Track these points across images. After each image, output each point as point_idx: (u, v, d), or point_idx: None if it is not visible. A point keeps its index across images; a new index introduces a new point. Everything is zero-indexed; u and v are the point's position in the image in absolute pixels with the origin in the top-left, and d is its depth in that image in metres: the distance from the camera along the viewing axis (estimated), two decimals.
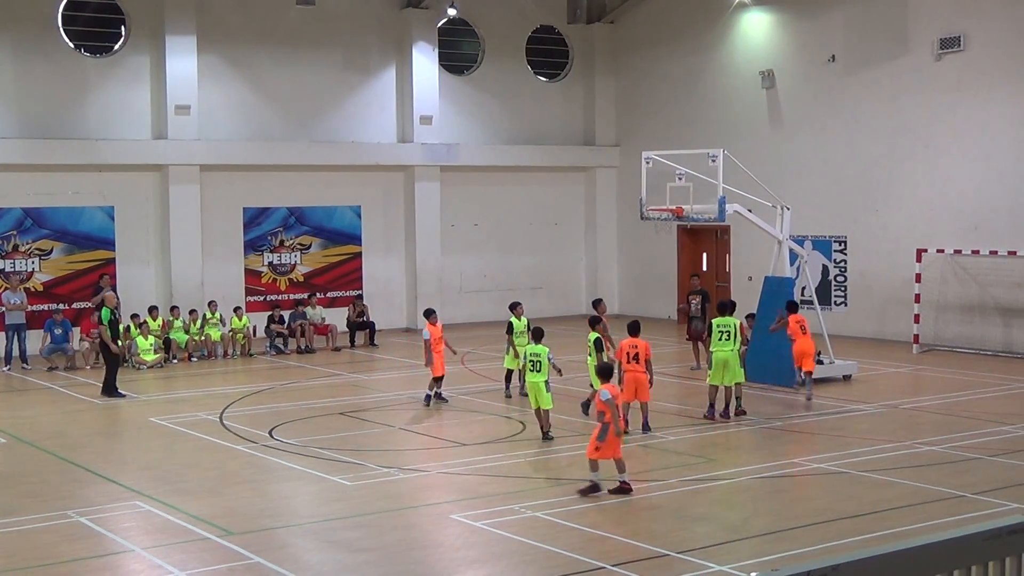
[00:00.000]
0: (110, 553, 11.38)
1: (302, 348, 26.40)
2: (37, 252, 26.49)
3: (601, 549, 11.05)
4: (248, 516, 12.50)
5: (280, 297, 28.81)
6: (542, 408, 16.04)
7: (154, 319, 24.93)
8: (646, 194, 21.26)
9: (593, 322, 17.94)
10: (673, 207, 20.68)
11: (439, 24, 31.08)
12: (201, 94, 27.92)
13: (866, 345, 25.38)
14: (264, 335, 26.84)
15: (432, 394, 19.20)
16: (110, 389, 20.43)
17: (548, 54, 33.67)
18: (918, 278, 25.07)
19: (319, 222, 30.01)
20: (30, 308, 25.40)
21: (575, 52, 33.81)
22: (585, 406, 17.43)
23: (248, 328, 26.22)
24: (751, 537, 11.47)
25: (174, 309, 25.68)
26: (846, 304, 27.80)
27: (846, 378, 21.15)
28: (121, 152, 27.23)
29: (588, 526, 11.92)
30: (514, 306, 20.00)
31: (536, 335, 16.74)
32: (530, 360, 16.12)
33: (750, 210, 21.33)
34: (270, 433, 16.94)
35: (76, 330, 25.07)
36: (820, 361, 21.09)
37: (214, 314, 25.89)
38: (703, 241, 31.93)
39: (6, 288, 24.93)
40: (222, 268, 28.56)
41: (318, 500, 13.40)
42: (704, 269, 31.32)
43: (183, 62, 27.59)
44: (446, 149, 31.06)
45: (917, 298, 25.10)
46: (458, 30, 32.18)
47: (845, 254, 27.85)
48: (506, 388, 19.82)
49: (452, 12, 30.53)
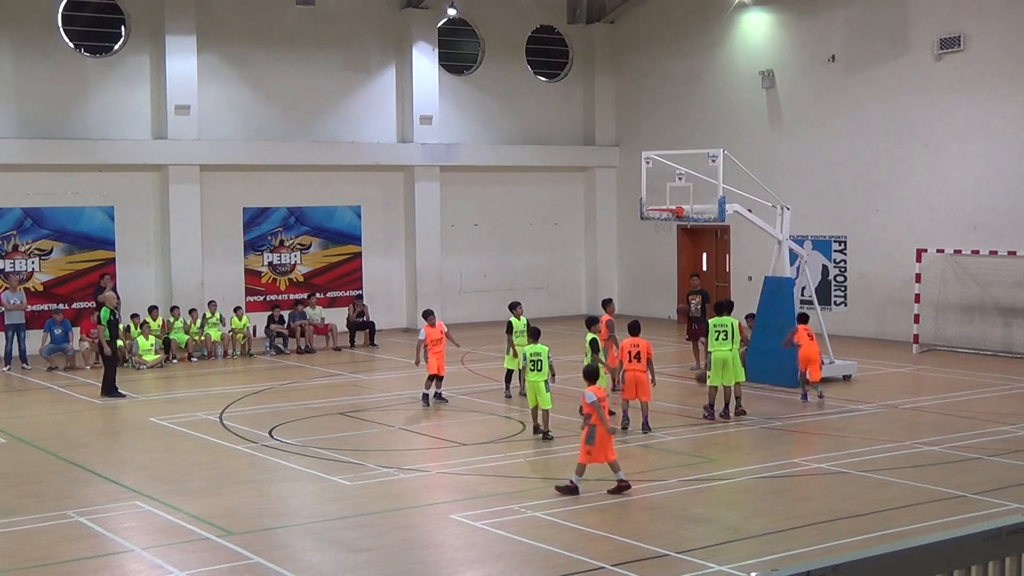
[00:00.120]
0: (110, 553, 11.37)
1: (302, 348, 26.42)
2: (37, 252, 26.50)
3: (601, 549, 11.06)
4: (248, 516, 12.50)
5: (280, 297, 28.81)
6: (541, 408, 16.07)
7: (154, 319, 24.95)
8: (646, 194, 21.27)
9: (590, 322, 17.97)
10: (673, 207, 20.68)
11: (439, 24, 31.08)
12: (201, 94, 27.92)
13: (866, 345, 25.39)
14: (264, 335, 26.85)
15: (430, 394, 19.21)
16: (110, 389, 20.44)
17: (548, 54, 33.67)
18: (918, 278, 25.09)
19: (319, 222, 30.01)
20: (30, 308, 25.42)
21: (575, 52, 33.81)
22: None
23: (248, 328, 26.24)
24: (751, 537, 11.47)
25: (174, 309, 25.69)
26: (846, 304, 27.81)
27: (846, 378, 21.15)
28: (121, 152, 27.24)
29: (588, 526, 11.93)
30: (514, 306, 20.01)
31: (533, 335, 16.84)
32: (531, 360, 16.16)
33: (750, 210, 21.33)
34: (270, 433, 16.94)
35: (76, 330, 25.08)
36: (820, 361, 21.12)
37: (214, 314, 25.91)
38: (703, 241, 31.93)
39: (5, 288, 24.93)
40: (222, 268, 28.57)
41: (318, 500, 13.40)
42: (704, 269, 31.33)
43: (183, 62, 27.60)
44: (446, 149, 31.06)
45: (917, 298, 25.11)
46: (458, 30, 32.19)
47: (845, 254, 27.85)
48: (506, 388, 19.83)
49: (452, 12, 30.54)
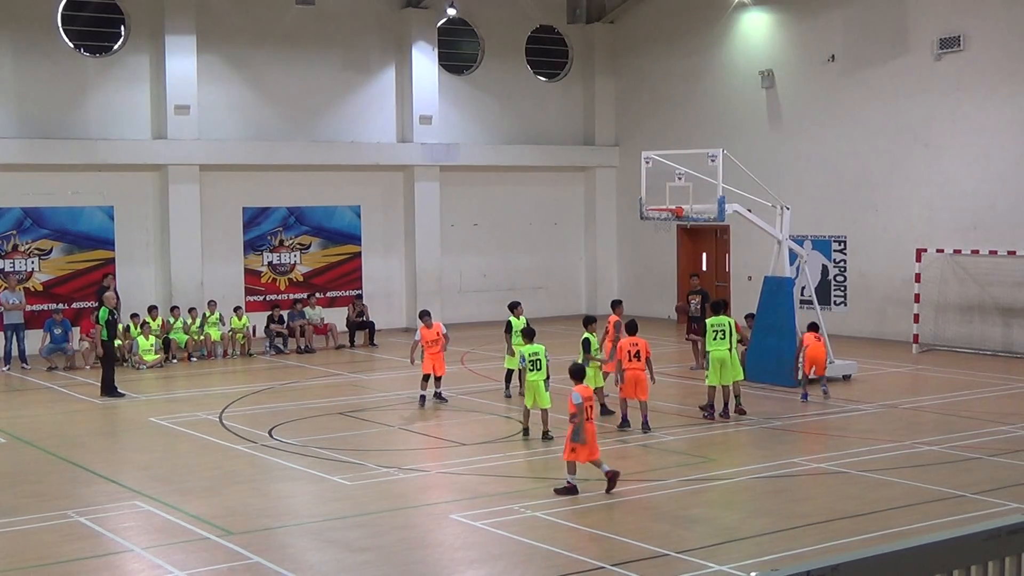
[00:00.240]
0: (110, 553, 11.37)
1: (301, 348, 26.42)
2: (37, 252, 26.49)
3: (601, 549, 11.06)
4: (248, 516, 12.50)
5: (280, 297, 28.81)
6: (540, 407, 16.07)
7: (154, 319, 24.94)
8: (646, 194, 21.27)
9: (588, 322, 18.00)
10: (673, 207, 20.68)
11: (439, 24, 31.08)
12: (201, 94, 27.92)
13: (866, 345, 25.38)
14: (264, 335, 26.85)
15: (427, 395, 19.19)
16: (109, 388, 20.44)
17: (548, 54, 33.67)
18: (918, 278, 25.08)
19: (319, 222, 30.01)
20: (30, 308, 25.43)
21: (575, 52, 33.80)
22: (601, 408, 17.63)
23: (248, 328, 26.24)
24: (751, 537, 11.47)
25: (174, 309, 25.69)
26: (846, 304, 27.80)
27: (846, 378, 21.14)
28: (121, 152, 27.23)
29: (588, 526, 11.93)
30: (514, 306, 19.98)
31: (528, 335, 16.84)
32: (530, 360, 16.15)
33: (750, 210, 21.33)
34: (270, 433, 16.94)
35: (76, 330, 25.08)
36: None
37: (213, 313, 25.91)
38: (703, 241, 31.93)
39: (4, 288, 24.92)
40: (222, 268, 28.57)
41: (318, 500, 13.40)
42: (704, 269, 31.33)
43: (183, 62, 27.59)
44: (446, 149, 31.05)
45: (917, 298, 25.11)
46: (458, 30, 32.19)
47: (845, 254, 27.85)
48: (506, 388, 19.83)
49: (452, 12, 30.53)
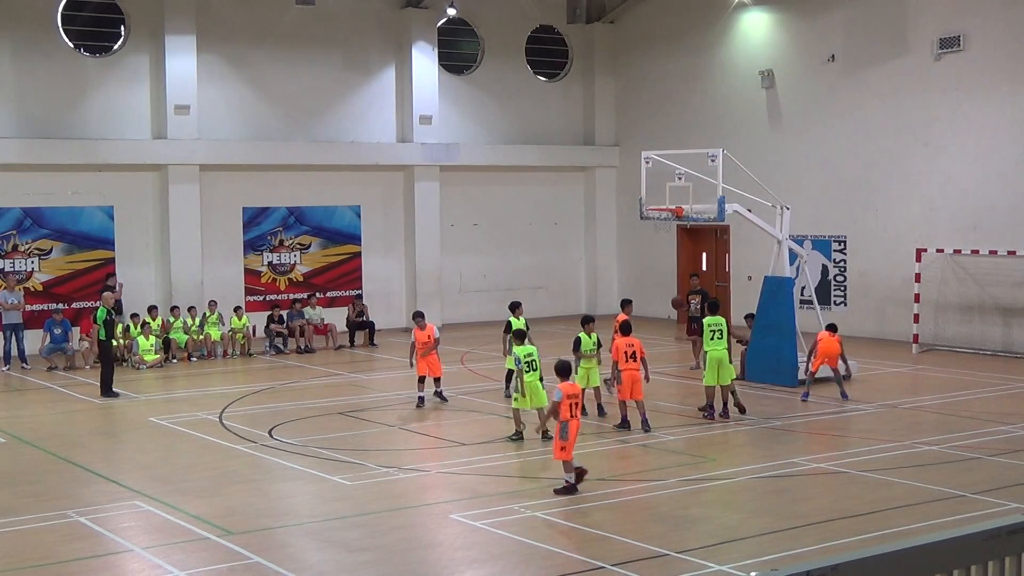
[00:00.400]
0: (110, 553, 11.37)
1: (301, 348, 26.41)
2: (37, 252, 26.49)
3: (601, 549, 11.06)
4: (248, 516, 12.50)
5: (280, 297, 28.81)
6: (538, 407, 16.06)
7: (154, 319, 24.94)
8: (646, 194, 21.26)
9: (585, 321, 18.02)
10: (673, 207, 20.68)
11: (439, 24, 31.07)
12: (201, 94, 27.91)
13: (866, 345, 25.36)
14: (263, 335, 26.85)
15: (425, 396, 19.15)
16: (107, 388, 20.44)
17: (548, 54, 33.66)
18: (918, 278, 25.08)
19: (319, 222, 30.00)
20: (30, 308, 25.43)
21: (575, 52, 33.80)
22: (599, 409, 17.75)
23: (248, 328, 26.24)
24: (751, 537, 11.47)
25: (174, 309, 25.68)
26: (846, 304, 27.79)
27: (846, 378, 21.12)
28: (121, 152, 27.23)
29: (588, 526, 11.93)
30: (515, 306, 19.91)
31: (520, 336, 16.81)
32: (526, 362, 16.12)
33: (750, 210, 21.32)
34: (270, 433, 16.94)
35: (76, 330, 25.06)
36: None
37: (213, 313, 25.91)
38: (703, 241, 31.93)
39: (3, 288, 24.90)
40: (222, 268, 28.56)
41: (318, 500, 13.40)
42: (704, 269, 31.33)
43: (183, 62, 27.59)
44: (446, 149, 31.05)
45: (917, 298, 25.11)
46: (458, 30, 32.18)
47: (845, 254, 27.85)
48: (506, 388, 19.77)
49: (452, 12, 30.52)
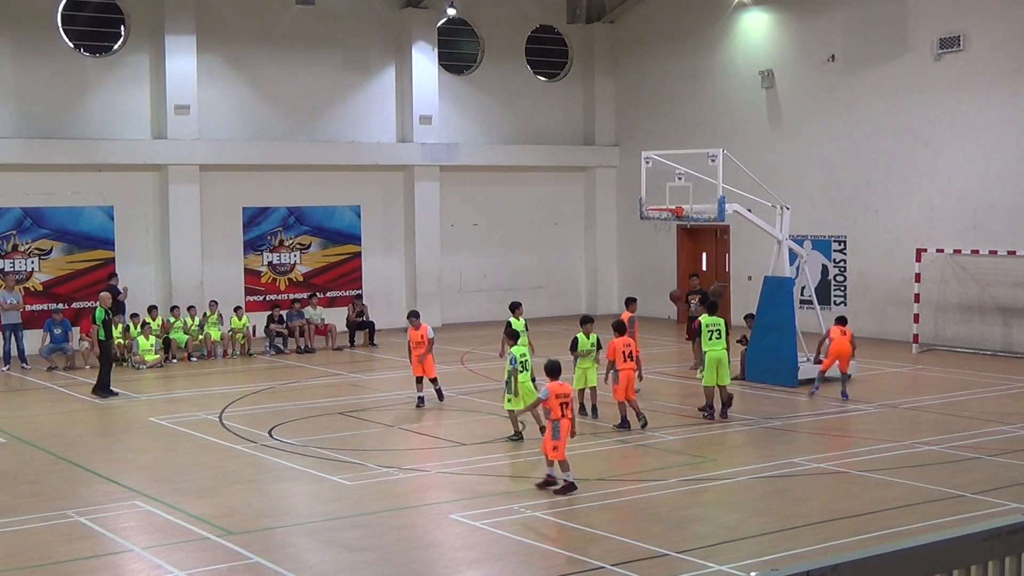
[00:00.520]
0: (110, 553, 11.37)
1: (302, 348, 26.41)
2: (36, 252, 26.48)
3: (601, 549, 11.05)
4: (248, 516, 12.50)
5: (280, 297, 28.80)
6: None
7: (154, 319, 24.93)
8: (646, 194, 21.27)
9: (584, 321, 18.03)
10: (673, 207, 20.69)
11: (439, 24, 31.07)
12: (201, 94, 27.91)
13: (866, 345, 25.25)
14: (263, 335, 26.85)
15: (423, 396, 19.12)
16: (105, 388, 20.42)
17: (548, 54, 33.66)
18: (918, 278, 25.09)
19: (319, 222, 30.00)
20: (29, 308, 25.42)
21: (575, 52, 33.80)
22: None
23: (248, 328, 26.23)
24: (751, 537, 11.47)
25: (174, 309, 25.68)
26: (846, 304, 27.78)
27: (847, 377, 21.11)
28: (121, 152, 27.23)
29: (588, 526, 11.93)
30: (514, 307, 19.90)
31: (513, 336, 16.81)
32: (520, 361, 16.11)
33: (750, 210, 21.33)
34: (270, 433, 16.94)
35: (76, 330, 25.06)
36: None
37: (214, 313, 25.91)
38: (703, 241, 31.93)
39: (2, 287, 24.88)
40: (222, 268, 28.56)
41: (318, 500, 13.40)
42: (704, 269, 31.32)
43: (183, 62, 27.59)
44: (445, 149, 31.05)
45: (917, 298, 25.12)
46: (458, 30, 32.18)
47: (845, 254, 27.85)
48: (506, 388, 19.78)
49: (452, 12, 30.52)
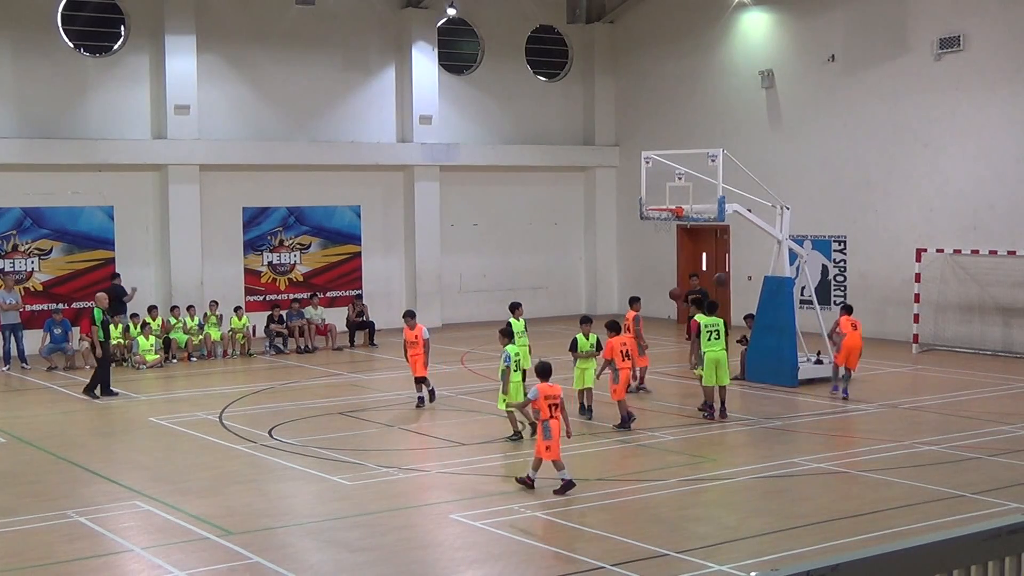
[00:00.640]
0: (110, 553, 11.37)
1: (302, 348, 26.41)
2: (36, 252, 26.48)
3: (601, 549, 11.05)
4: (248, 516, 12.50)
5: (280, 297, 28.80)
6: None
7: (154, 319, 24.93)
8: (646, 194, 21.27)
9: (584, 321, 18.03)
10: (673, 207, 20.69)
11: (439, 24, 31.07)
12: (201, 94, 27.91)
13: (866, 345, 25.12)
14: (263, 335, 26.84)
15: (424, 396, 19.13)
16: (105, 388, 20.41)
17: (548, 54, 33.66)
18: (917, 278, 25.09)
19: (319, 222, 30.00)
20: (29, 308, 25.41)
21: (575, 52, 33.80)
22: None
23: (248, 328, 26.23)
24: (751, 537, 11.47)
25: (174, 309, 25.68)
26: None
27: (845, 378, 21.12)
28: (121, 152, 27.23)
29: (588, 526, 11.93)
30: (514, 307, 19.88)
31: (507, 334, 16.78)
32: (514, 360, 16.11)
33: (750, 210, 21.33)
34: (270, 433, 16.94)
35: (76, 330, 25.05)
36: (820, 361, 21.15)
37: (214, 313, 25.91)
38: (703, 241, 31.92)
39: (1, 288, 24.87)
40: (222, 268, 28.56)
41: (318, 500, 13.40)
42: (704, 269, 31.30)
43: (183, 62, 27.59)
44: (445, 149, 31.05)
45: (917, 298, 25.12)
46: (458, 30, 32.18)
47: (845, 254, 27.85)
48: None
49: (452, 12, 30.53)
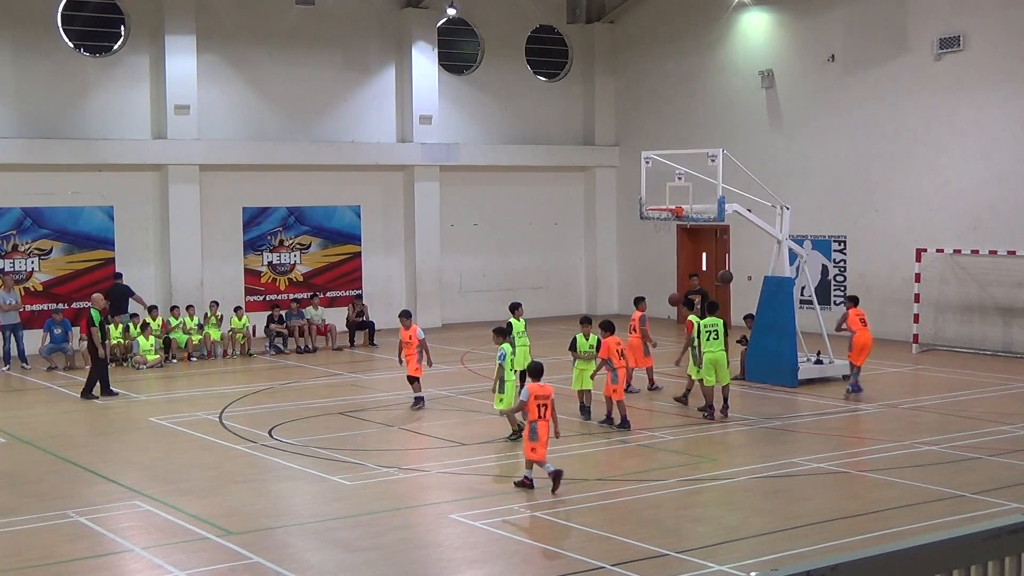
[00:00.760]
0: (110, 553, 11.37)
1: (302, 348, 26.41)
2: (36, 252, 26.48)
3: (601, 549, 11.05)
4: (248, 516, 12.50)
5: (280, 297, 28.80)
6: (508, 408, 16.06)
7: (154, 319, 24.94)
8: (646, 194, 21.28)
9: (583, 321, 18.03)
10: (673, 207, 20.69)
11: (439, 24, 31.07)
12: (201, 94, 27.91)
13: None
14: (263, 335, 26.84)
15: (423, 396, 19.12)
16: (105, 388, 20.41)
17: (548, 54, 33.66)
18: (917, 278, 25.09)
19: (319, 222, 30.00)
20: (29, 308, 25.40)
21: (575, 52, 33.80)
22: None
23: (248, 328, 26.23)
24: (751, 537, 11.48)
25: (174, 309, 25.69)
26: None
27: (845, 378, 21.12)
28: (121, 152, 27.23)
29: (588, 526, 11.93)
30: (515, 307, 19.88)
31: (502, 333, 16.79)
32: (509, 358, 16.13)
33: (750, 210, 21.34)
34: (270, 433, 16.94)
35: (76, 330, 25.04)
36: (820, 361, 21.16)
37: (214, 314, 25.91)
38: (703, 241, 31.92)
39: (1, 288, 24.87)
40: (222, 268, 28.56)
41: (318, 500, 13.40)
42: (704, 269, 31.31)
43: (183, 62, 27.59)
44: (446, 149, 31.05)
45: (917, 298, 25.12)
46: (458, 30, 32.18)
47: (845, 254, 27.85)
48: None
49: (452, 12, 30.53)
